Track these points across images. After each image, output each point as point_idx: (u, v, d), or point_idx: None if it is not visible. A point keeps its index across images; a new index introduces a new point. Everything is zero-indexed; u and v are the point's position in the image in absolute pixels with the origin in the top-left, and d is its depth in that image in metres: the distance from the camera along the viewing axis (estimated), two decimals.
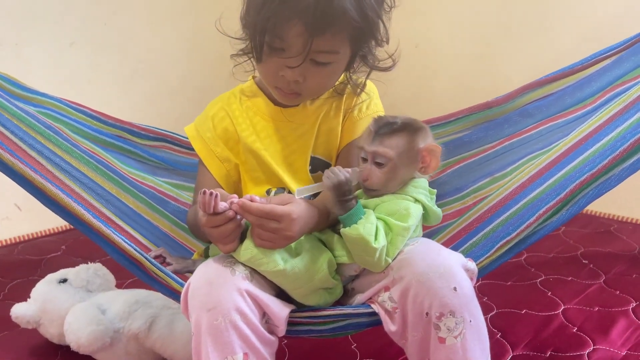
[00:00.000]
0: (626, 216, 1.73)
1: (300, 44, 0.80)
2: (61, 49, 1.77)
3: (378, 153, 0.81)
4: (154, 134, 1.20)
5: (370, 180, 0.82)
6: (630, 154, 0.83)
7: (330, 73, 0.88)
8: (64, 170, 0.94)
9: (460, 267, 0.76)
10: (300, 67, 0.82)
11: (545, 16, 1.80)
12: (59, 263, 1.52)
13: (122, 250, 0.85)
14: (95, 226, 0.84)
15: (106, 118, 1.16)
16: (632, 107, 0.87)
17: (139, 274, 0.88)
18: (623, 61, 1.06)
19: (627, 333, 1.12)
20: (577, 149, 0.89)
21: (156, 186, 1.15)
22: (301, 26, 0.78)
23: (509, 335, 1.14)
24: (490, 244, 0.85)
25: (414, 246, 0.79)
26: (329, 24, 0.79)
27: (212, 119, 0.97)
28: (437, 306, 0.73)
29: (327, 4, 0.77)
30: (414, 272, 0.75)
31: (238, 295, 0.73)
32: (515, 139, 1.12)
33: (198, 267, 0.79)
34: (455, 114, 1.19)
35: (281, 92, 0.89)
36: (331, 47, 0.83)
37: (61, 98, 1.13)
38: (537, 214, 0.84)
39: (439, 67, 2.07)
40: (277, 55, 0.83)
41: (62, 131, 1.03)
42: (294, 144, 0.95)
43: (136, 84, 1.97)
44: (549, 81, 1.14)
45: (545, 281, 1.36)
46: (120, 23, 1.89)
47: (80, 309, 1.06)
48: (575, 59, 1.78)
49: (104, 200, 0.97)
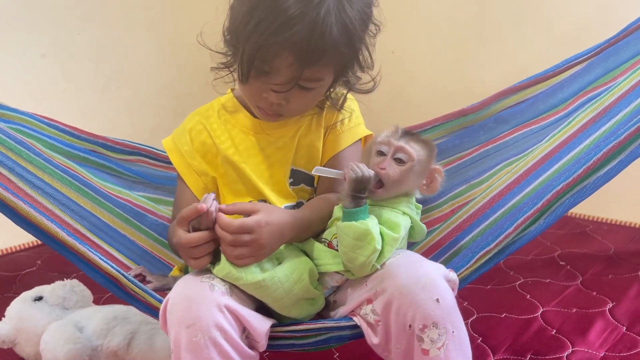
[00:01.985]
0: (601, 217, 1.76)
1: (289, 73, 0.81)
2: (32, 60, 1.74)
3: (404, 149, 0.82)
4: (129, 147, 1.19)
5: (387, 172, 0.81)
6: (604, 162, 0.84)
7: (313, 96, 0.89)
8: (36, 187, 0.92)
9: (442, 278, 0.77)
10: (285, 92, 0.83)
11: (519, 21, 1.83)
12: (35, 279, 1.49)
13: (98, 268, 0.83)
14: (70, 244, 0.83)
15: (79, 132, 1.14)
16: (605, 114, 0.89)
17: (117, 292, 0.87)
18: (593, 67, 1.08)
19: (605, 334, 1.14)
20: (552, 157, 0.90)
21: (133, 200, 1.13)
22: (292, 58, 0.79)
23: (489, 339, 1.14)
24: (470, 254, 0.85)
25: (395, 258, 0.79)
26: (319, 57, 0.80)
27: (189, 132, 0.96)
28: (420, 318, 0.73)
29: (320, 38, 0.77)
30: (396, 284, 0.75)
31: (217, 311, 0.73)
32: (491, 145, 1.13)
33: (177, 283, 0.78)
34: (430, 122, 1.20)
35: (263, 112, 0.89)
36: (318, 76, 0.84)
37: (32, 113, 1.11)
38: (516, 224, 0.85)
39: (416, 72, 2.08)
40: (263, 79, 0.83)
41: (35, 146, 1.00)
42: (273, 156, 0.94)
43: (111, 94, 1.94)
44: (522, 88, 1.16)
45: (524, 284, 1.37)
46: (93, 33, 1.87)
47: (56, 327, 1.04)
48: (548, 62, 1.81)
49: (78, 217, 0.95)
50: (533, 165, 0.92)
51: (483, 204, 0.93)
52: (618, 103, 0.89)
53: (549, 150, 0.93)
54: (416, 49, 2.07)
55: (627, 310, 1.21)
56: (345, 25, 0.79)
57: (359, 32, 0.82)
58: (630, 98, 0.88)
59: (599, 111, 0.90)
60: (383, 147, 0.84)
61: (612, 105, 0.89)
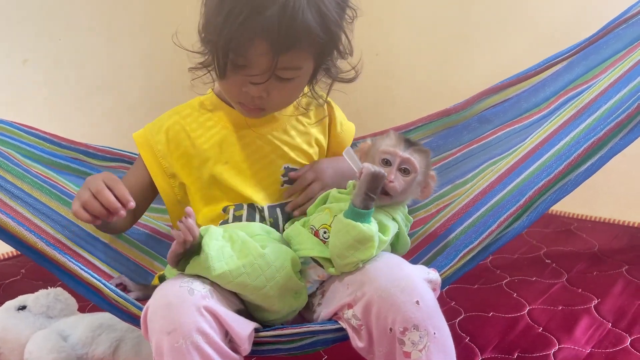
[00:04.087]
0: (585, 214, 1.78)
1: (264, 62, 0.80)
2: (14, 67, 1.72)
3: (410, 161, 0.83)
4: (110, 154, 1.17)
5: (394, 185, 0.82)
6: (585, 159, 0.85)
7: (294, 87, 0.88)
8: (15, 197, 0.90)
9: (422, 279, 0.76)
10: (264, 83, 0.82)
11: (502, 22, 1.84)
12: (19, 287, 1.47)
13: (79, 278, 0.82)
14: (49, 254, 0.81)
15: (60, 140, 1.12)
16: (584, 111, 0.89)
17: (98, 302, 0.86)
18: (574, 66, 1.09)
19: (591, 331, 1.15)
20: (534, 154, 0.91)
21: None
22: (265, 45, 0.78)
23: (477, 338, 1.15)
24: (454, 253, 0.85)
25: (375, 261, 0.78)
26: (293, 42, 0.79)
27: (165, 132, 0.94)
28: (401, 321, 0.73)
29: (291, 22, 0.77)
30: (375, 287, 0.74)
31: (198, 315, 0.72)
32: (475, 145, 1.13)
33: (156, 290, 0.77)
34: (414, 122, 1.20)
35: (245, 107, 0.88)
36: (295, 64, 0.83)
37: (11, 121, 1.09)
38: (499, 221, 0.85)
39: (400, 74, 2.09)
40: (240, 72, 0.82)
41: (13, 156, 0.98)
42: (259, 152, 0.93)
43: (94, 100, 1.93)
44: (504, 87, 1.16)
45: (510, 282, 1.38)
46: (76, 39, 1.85)
47: (41, 336, 1.02)
48: (531, 62, 1.83)
49: (59, 226, 0.93)
50: (515, 163, 0.93)
51: (467, 202, 0.93)
52: (597, 100, 0.90)
53: (530, 147, 0.93)
54: (400, 50, 2.08)
55: (612, 307, 1.23)
56: (318, 8, 0.79)
57: (334, 15, 0.81)
58: (610, 94, 0.89)
59: (579, 108, 0.91)
60: (389, 156, 0.84)
61: (592, 102, 0.90)
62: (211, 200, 0.93)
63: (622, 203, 1.71)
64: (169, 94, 2.10)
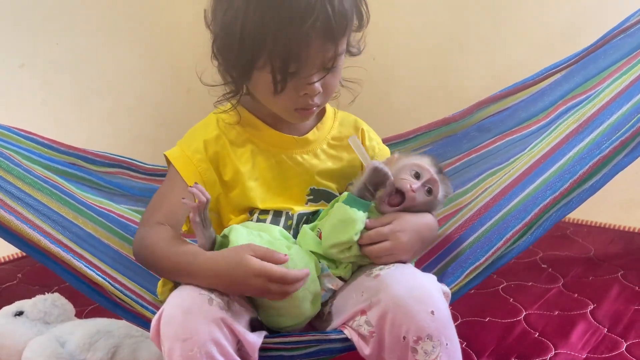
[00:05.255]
0: (581, 219, 1.78)
1: (320, 57, 0.81)
2: (11, 70, 1.72)
3: (436, 184, 0.86)
4: (109, 159, 1.17)
5: (415, 195, 0.84)
6: (590, 176, 0.85)
7: (339, 73, 0.88)
8: (16, 198, 0.90)
9: (437, 289, 0.77)
10: (323, 78, 0.83)
11: (498, 28, 1.85)
12: (15, 292, 1.46)
13: (83, 277, 0.82)
14: (54, 252, 0.81)
15: (58, 145, 1.13)
16: (587, 125, 0.90)
17: (101, 301, 0.85)
18: (573, 75, 1.09)
19: (587, 336, 1.15)
20: (537, 168, 0.91)
21: (115, 210, 1.12)
22: (322, 40, 0.79)
23: (473, 343, 1.15)
24: (460, 269, 0.86)
25: (389, 270, 0.79)
26: (345, 27, 0.81)
27: (203, 142, 0.90)
28: (415, 330, 0.73)
29: (340, 8, 0.78)
30: (392, 295, 0.75)
31: (215, 326, 0.71)
32: (474, 154, 1.14)
33: (172, 294, 0.76)
34: (413, 131, 1.20)
35: (302, 111, 0.87)
36: (342, 49, 0.84)
37: (9, 126, 1.09)
38: (505, 238, 0.86)
39: (397, 78, 2.10)
40: (295, 78, 0.82)
41: (13, 157, 0.99)
42: (287, 172, 0.92)
43: (91, 104, 1.92)
44: (503, 96, 1.17)
45: (507, 287, 1.39)
46: (73, 43, 1.85)
47: (38, 342, 1.02)
48: (527, 68, 1.84)
49: (60, 227, 0.93)
50: (519, 177, 0.93)
51: (470, 215, 0.93)
52: (600, 114, 0.90)
53: (533, 161, 0.93)
54: (397, 55, 2.09)
55: (608, 312, 1.23)
56: None
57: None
58: (612, 109, 0.89)
59: (581, 122, 0.91)
60: (420, 170, 0.86)
61: (595, 115, 0.90)
62: (242, 211, 0.92)
63: (618, 208, 1.72)
64: (166, 99, 2.11)
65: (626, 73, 0.97)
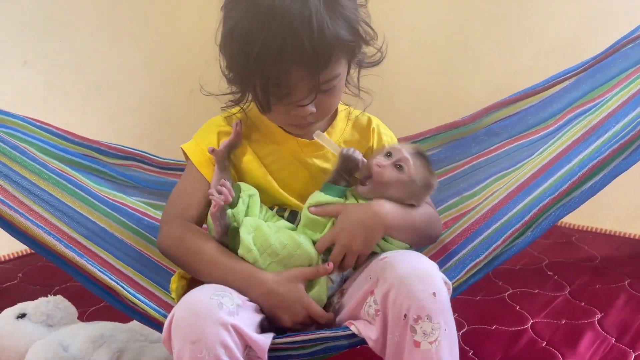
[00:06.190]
0: (586, 225, 1.78)
1: (306, 85, 0.81)
2: (14, 68, 1.71)
3: (408, 162, 0.87)
4: (123, 152, 1.17)
5: (380, 170, 0.86)
6: (589, 177, 0.87)
7: (337, 92, 0.89)
8: (32, 194, 0.90)
9: (440, 274, 0.78)
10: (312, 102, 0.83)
11: (503, 33, 1.85)
12: (16, 292, 1.45)
13: (96, 280, 0.82)
14: (68, 256, 0.82)
15: (72, 137, 1.13)
16: (593, 132, 0.91)
17: (114, 303, 0.86)
18: (581, 83, 1.10)
19: (594, 346, 1.14)
20: (543, 174, 0.92)
21: (128, 203, 1.11)
22: (304, 69, 0.79)
23: (480, 352, 1.14)
24: (461, 266, 0.88)
25: (395, 253, 0.82)
26: (329, 57, 0.80)
27: (218, 135, 0.92)
28: (415, 308, 0.74)
29: (321, 39, 0.77)
30: (396, 274, 0.77)
31: (223, 330, 0.72)
32: (482, 158, 1.14)
33: (183, 298, 0.77)
34: (423, 133, 1.20)
35: (296, 127, 0.90)
36: (335, 73, 0.84)
37: (25, 117, 1.09)
38: (504, 237, 0.87)
39: (401, 81, 2.08)
40: (285, 100, 0.83)
41: (29, 150, 0.99)
42: (298, 174, 0.93)
43: (94, 102, 1.91)
44: (512, 101, 1.18)
45: (513, 294, 1.38)
46: (76, 40, 1.83)
47: (40, 345, 1.00)
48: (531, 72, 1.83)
49: (75, 223, 0.94)
50: (525, 181, 0.94)
51: (476, 219, 0.94)
52: (606, 121, 0.91)
53: (540, 166, 0.94)
54: (402, 58, 2.07)
55: (616, 321, 1.22)
56: (339, 13, 0.79)
57: (353, 12, 0.82)
58: (618, 117, 0.91)
59: (587, 129, 0.93)
60: (393, 151, 0.89)
61: (601, 123, 0.92)
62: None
63: (623, 215, 1.72)
64: (168, 97, 2.09)
65: (634, 82, 0.98)
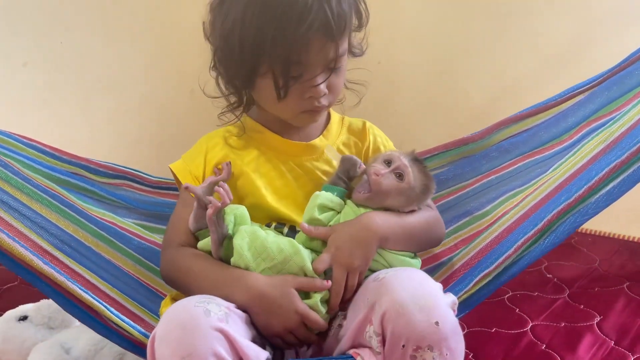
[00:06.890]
0: (585, 228, 1.78)
1: (322, 58, 0.81)
2: (14, 69, 1.70)
3: (406, 170, 0.86)
4: (113, 170, 1.13)
5: (378, 179, 0.86)
6: (606, 182, 0.83)
7: (343, 74, 0.88)
8: (11, 209, 0.86)
9: (443, 299, 0.74)
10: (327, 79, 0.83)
11: (504, 36, 1.85)
12: (17, 294, 1.45)
13: (77, 300, 0.77)
14: (46, 273, 0.75)
15: (60, 154, 1.09)
16: (615, 146, 0.86)
17: (95, 327, 0.80)
18: (596, 96, 1.06)
19: (594, 349, 1.15)
20: (563, 189, 0.87)
21: (118, 222, 1.08)
22: (322, 39, 0.79)
23: (480, 355, 1.15)
24: (469, 277, 0.84)
25: (396, 272, 0.77)
26: (345, 24, 0.80)
27: (205, 155, 0.91)
28: (415, 340, 0.70)
29: (339, 6, 0.78)
30: (394, 300, 0.72)
31: (214, 339, 0.68)
32: (493, 176, 1.10)
33: (166, 311, 0.72)
34: (431, 150, 1.16)
35: (309, 113, 0.87)
36: (344, 48, 0.83)
37: (11, 132, 1.05)
38: (515, 246, 0.83)
39: (402, 83, 2.09)
40: (299, 81, 0.82)
41: (12, 165, 0.95)
42: (297, 180, 0.91)
43: (94, 104, 1.91)
44: (524, 117, 1.14)
45: (512, 297, 1.38)
46: (76, 42, 1.83)
47: (42, 348, 1.01)
48: (531, 74, 1.83)
49: (58, 241, 0.89)
50: (542, 199, 0.89)
51: (490, 240, 0.90)
52: (629, 134, 0.86)
53: (557, 183, 0.90)
54: (402, 59, 2.08)
55: (615, 324, 1.23)
56: None
57: None
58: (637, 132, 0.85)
59: (608, 142, 0.88)
60: (392, 158, 0.88)
61: (624, 135, 0.87)
62: (255, 221, 0.90)
63: (623, 218, 1.72)
64: (169, 99, 2.09)
65: None
